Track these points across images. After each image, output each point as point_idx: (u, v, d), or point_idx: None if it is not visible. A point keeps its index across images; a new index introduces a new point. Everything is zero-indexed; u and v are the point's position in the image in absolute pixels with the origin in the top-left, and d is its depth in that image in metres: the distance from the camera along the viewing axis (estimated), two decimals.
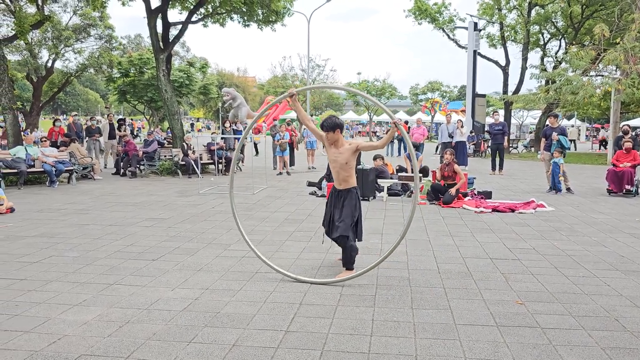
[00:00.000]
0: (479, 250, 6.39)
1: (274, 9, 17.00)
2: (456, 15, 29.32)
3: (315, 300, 4.57)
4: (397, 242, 5.03)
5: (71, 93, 78.47)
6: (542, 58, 29.05)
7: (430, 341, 3.73)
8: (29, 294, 4.71)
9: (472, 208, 9.37)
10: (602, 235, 7.31)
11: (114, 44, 26.39)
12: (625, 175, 11.11)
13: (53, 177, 12.27)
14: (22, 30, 15.38)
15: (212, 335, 3.82)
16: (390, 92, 46.22)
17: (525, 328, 3.97)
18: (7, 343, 3.67)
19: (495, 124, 16.26)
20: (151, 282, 5.05)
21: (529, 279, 5.23)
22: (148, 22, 15.89)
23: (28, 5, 19.36)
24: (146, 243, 6.70)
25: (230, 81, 58.68)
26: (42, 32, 22.97)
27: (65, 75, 26.02)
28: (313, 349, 3.59)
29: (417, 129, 20.75)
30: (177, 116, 16.60)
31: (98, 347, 3.61)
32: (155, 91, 24.89)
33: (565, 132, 11.86)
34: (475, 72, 23.64)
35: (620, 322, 4.09)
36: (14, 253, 6.15)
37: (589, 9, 24.98)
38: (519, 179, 14.75)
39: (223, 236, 7.13)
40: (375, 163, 11.39)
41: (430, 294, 4.75)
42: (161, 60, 15.88)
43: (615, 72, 18.90)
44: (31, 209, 9.23)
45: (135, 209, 9.26)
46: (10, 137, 14.91)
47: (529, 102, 23.32)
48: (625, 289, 4.91)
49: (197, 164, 14.44)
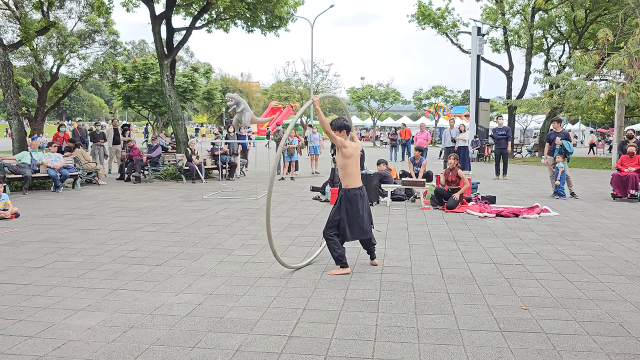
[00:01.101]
0: (483, 255, 6.38)
1: (278, 15, 17.07)
2: (459, 20, 29.34)
3: (319, 305, 4.57)
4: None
5: (76, 99, 78.89)
6: (546, 62, 29.02)
7: (434, 346, 3.72)
8: (34, 299, 4.73)
9: (476, 213, 9.36)
10: (606, 240, 7.29)
11: (119, 49, 26.47)
12: (629, 179, 11.07)
13: (58, 182, 12.32)
14: (27, 37, 15.50)
15: (216, 340, 3.82)
16: (393, 96, 46.21)
17: (529, 333, 3.95)
18: (12, 348, 3.68)
19: (499, 129, 16.24)
20: (155, 287, 5.06)
21: (533, 284, 5.22)
22: (152, 28, 15.98)
23: (33, 11, 19.52)
24: (150, 248, 6.71)
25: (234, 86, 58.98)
26: (47, 38, 23.08)
27: (70, 81, 26.12)
28: (317, 355, 3.58)
29: (420, 133, 20.78)
30: (180, 121, 16.66)
31: (102, 352, 3.62)
32: (160, 96, 24.96)
33: (568, 136, 11.83)
34: (479, 76, 23.58)
35: (625, 328, 4.07)
36: (19, 258, 6.18)
37: (592, 13, 24.97)
38: (523, 183, 14.71)
39: (227, 241, 7.14)
40: (379, 168, 11.39)
41: (433, 299, 4.74)
42: (165, 66, 15.95)
43: (619, 77, 18.86)
44: (36, 214, 9.26)
45: (139, 214, 9.28)
46: (16, 143, 14.99)
47: (533, 106, 23.25)
48: (630, 294, 4.89)
49: (201, 169, 14.48)
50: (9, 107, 14.89)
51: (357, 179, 5.64)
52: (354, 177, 5.62)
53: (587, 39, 26.45)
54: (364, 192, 5.72)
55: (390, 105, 48.02)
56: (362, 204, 5.63)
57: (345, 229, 5.57)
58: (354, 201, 5.58)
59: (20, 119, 15.36)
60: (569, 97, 16.72)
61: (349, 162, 5.59)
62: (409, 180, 11.04)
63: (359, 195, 5.61)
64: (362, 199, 5.63)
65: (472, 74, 23.75)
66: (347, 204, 5.59)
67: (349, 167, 5.59)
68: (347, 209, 5.58)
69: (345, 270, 5.57)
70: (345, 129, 5.68)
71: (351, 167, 5.59)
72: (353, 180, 5.62)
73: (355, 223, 5.59)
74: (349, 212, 5.57)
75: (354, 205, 5.58)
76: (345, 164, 5.61)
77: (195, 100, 32.65)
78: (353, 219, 5.57)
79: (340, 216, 5.59)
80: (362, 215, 5.60)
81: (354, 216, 5.57)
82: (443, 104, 47.34)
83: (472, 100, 23.88)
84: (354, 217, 5.57)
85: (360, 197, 5.62)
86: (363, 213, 5.62)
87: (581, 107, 21.53)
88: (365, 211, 5.66)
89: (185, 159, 14.90)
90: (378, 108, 46.19)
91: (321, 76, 41.94)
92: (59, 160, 12.72)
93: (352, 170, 5.60)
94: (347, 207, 5.58)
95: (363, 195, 5.67)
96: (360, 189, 5.65)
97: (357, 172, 5.65)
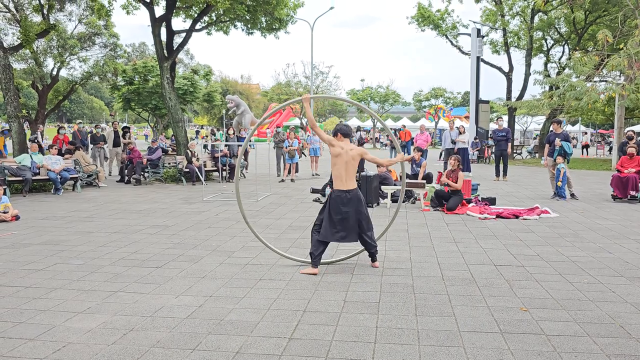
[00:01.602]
0: (483, 257, 6.38)
1: (277, 17, 17.09)
2: (459, 21, 29.39)
3: (319, 307, 4.57)
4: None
5: (76, 101, 78.91)
6: (546, 64, 29.04)
7: (434, 348, 3.72)
8: (34, 301, 4.73)
9: (476, 214, 9.35)
10: (606, 242, 7.29)
11: (119, 52, 26.52)
12: (629, 181, 11.07)
13: (58, 184, 12.33)
14: (27, 39, 15.50)
15: (216, 342, 3.82)
16: (393, 98, 46.24)
17: (529, 335, 3.95)
18: (12, 351, 3.68)
19: (499, 130, 16.25)
20: (155, 290, 5.06)
21: (533, 285, 5.22)
22: (152, 31, 15.99)
23: (34, 14, 19.54)
24: (150, 250, 6.72)
25: (234, 88, 58.98)
26: (48, 40, 23.13)
27: (70, 84, 26.15)
28: (317, 357, 3.58)
29: (420, 135, 20.75)
30: (181, 124, 16.67)
31: (102, 354, 3.62)
32: (160, 99, 25.00)
33: (568, 138, 11.84)
34: (479, 78, 23.58)
35: (626, 329, 4.07)
36: (19, 260, 6.18)
37: (592, 14, 24.98)
38: (523, 185, 14.71)
39: (227, 243, 7.14)
40: (379, 170, 11.39)
41: (434, 300, 4.74)
42: (165, 68, 15.97)
43: (619, 78, 18.86)
44: (36, 216, 9.27)
45: (139, 217, 9.29)
46: (16, 145, 14.99)
47: (533, 108, 23.31)
48: (630, 296, 4.89)
49: (201, 171, 14.49)
50: (9, 110, 14.89)
51: (344, 181, 5.61)
52: (340, 179, 5.62)
53: (587, 40, 26.46)
54: (354, 196, 5.61)
55: (390, 107, 48.08)
56: (349, 207, 5.57)
57: (326, 229, 5.60)
58: (336, 203, 5.60)
59: (20, 121, 15.36)
60: (569, 99, 16.73)
61: (336, 161, 5.63)
62: (409, 181, 11.02)
63: (345, 198, 5.57)
64: (349, 202, 5.58)
65: (472, 76, 23.77)
66: (330, 205, 5.64)
67: (336, 168, 5.64)
68: (329, 209, 5.63)
69: (312, 270, 5.59)
70: (340, 132, 5.73)
71: (338, 168, 5.61)
72: (340, 183, 5.63)
73: (335, 225, 5.59)
74: (331, 213, 5.62)
75: (335, 207, 5.60)
76: (333, 162, 5.71)
77: (195, 102, 32.70)
78: (333, 220, 5.60)
79: (322, 215, 5.69)
80: (344, 218, 5.56)
81: (334, 218, 5.59)
82: (443, 105, 47.37)
83: (472, 101, 23.89)
84: (334, 218, 5.59)
85: (346, 199, 5.57)
86: (347, 216, 5.56)
87: (581, 109, 21.57)
88: (352, 215, 5.58)
89: (186, 161, 14.91)
90: (378, 110, 46.21)
91: (321, 78, 42.00)
92: (59, 162, 12.72)
93: (339, 172, 5.62)
94: (329, 208, 5.64)
95: (350, 198, 5.58)
96: (346, 192, 5.60)
97: (345, 175, 5.60)
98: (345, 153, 5.59)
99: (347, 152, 5.60)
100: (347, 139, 5.73)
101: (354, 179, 5.70)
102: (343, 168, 5.59)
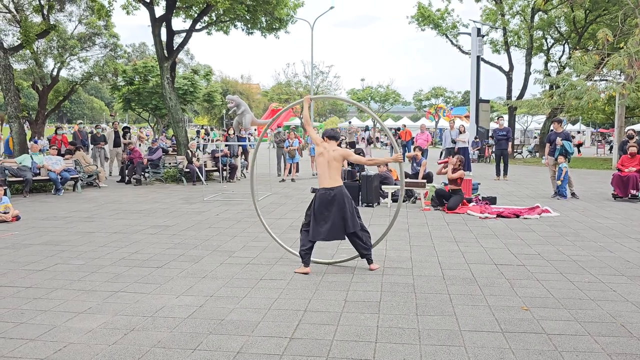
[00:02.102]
0: (484, 256, 6.38)
1: (278, 17, 17.08)
2: (459, 21, 29.34)
3: (320, 307, 4.57)
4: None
5: (76, 101, 78.90)
6: (546, 63, 29.00)
7: (435, 348, 3.72)
8: (35, 301, 4.73)
9: (476, 214, 9.35)
10: (607, 241, 7.28)
11: (119, 52, 26.46)
12: (630, 180, 11.06)
13: (58, 185, 12.33)
14: (27, 40, 15.51)
15: (217, 342, 3.82)
16: (394, 98, 46.24)
17: (530, 334, 3.95)
18: (13, 351, 3.68)
19: (500, 130, 16.24)
20: (156, 290, 5.06)
21: (534, 284, 5.21)
22: (152, 31, 15.99)
23: (34, 14, 19.51)
24: (151, 250, 6.72)
25: (234, 88, 58.97)
26: (48, 41, 23.10)
27: (70, 84, 26.11)
28: (318, 356, 3.58)
29: (420, 134, 20.75)
30: (181, 124, 16.66)
31: (103, 354, 3.62)
32: (160, 99, 24.98)
33: (569, 137, 11.83)
34: (479, 77, 23.55)
35: (627, 328, 4.07)
36: (20, 261, 6.18)
37: (592, 13, 24.96)
38: (524, 184, 14.71)
39: (228, 243, 7.14)
40: (380, 169, 11.39)
41: (435, 300, 4.74)
42: (165, 68, 15.97)
43: (619, 77, 18.85)
44: (37, 217, 9.27)
45: (139, 217, 9.29)
46: (16, 145, 15.00)
47: (533, 107, 23.26)
48: (631, 295, 4.89)
49: (202, 171, 14.48)
50: (9, 110, 14.90)
51: (326, 179, 5.75)
52: (323, 177, 5.79)
53: (587, 39, 26.42)
54: (338, 193, 5.67)
55: (391, 106, 48.10)
56: (333, 204, 5.63)
57: (314, 228, 5.69)
58: (320, 201, 5.71)
59: (20, 122, 15.37)
60: (569, 98, 16.72)
61: (319, 160, 5.85)
62: (410, 181, 11.03)
63: (329, 196, 5.66)
64: (332, 199, 5.64)
65: (472, 75, 23.75)
66: (315, 203, 5.77)
67: (320, 167, 5.84)
68: (314, 208, 5.75)
69: (303, 269, 5.66)
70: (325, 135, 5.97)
71: (321, 166, 5.81)
72: (322, 181, 5.80)
73: (320, 223, 5.66)
74: (314, 210, 5.73)
75: (319, 205, 5.71)
76: (317, 161, 5.98)
77: (195, 102, 32.68)
78: (316, 218, 5.69)
79: (309, 213, 5.82)
80: (327, 216, 5.64)
81: (319, 216, 5.69)
82: (443, 105, 47.37)
83: (472, 101, 23.87)
84: (317, 216, 5.69)
85: (330, 197, 5.65)
86: (331, 214, 5.63)
87: (581, 108, 21.53)
88: (336, 212, 5.63)
89: (186, 161, 14.91)
90: (378, 109, 46.20)
91: (321, 78, 41.99)
92: (60, 163, 12.72)
93: (323, 170, 5.80)
94: (314, 206, 5.76)
95: (334, 195, 5.65)
96: (330, 189, 5.69)
97: (327, 174, 5.76)
98: (327, 152, 5.80)
99: (329, 152, 5.79)
100: (332, 141, 5.93)
101: (338, 177, 5.82)
102: (325, 166, 5.77)
